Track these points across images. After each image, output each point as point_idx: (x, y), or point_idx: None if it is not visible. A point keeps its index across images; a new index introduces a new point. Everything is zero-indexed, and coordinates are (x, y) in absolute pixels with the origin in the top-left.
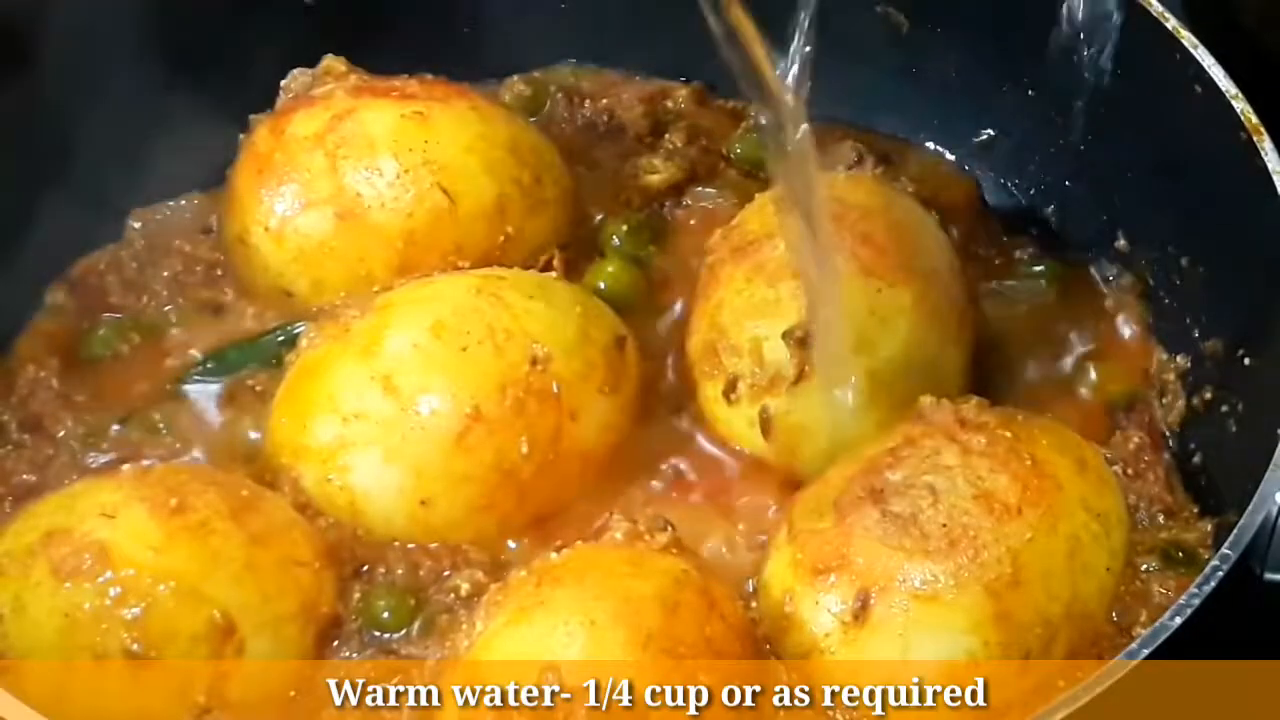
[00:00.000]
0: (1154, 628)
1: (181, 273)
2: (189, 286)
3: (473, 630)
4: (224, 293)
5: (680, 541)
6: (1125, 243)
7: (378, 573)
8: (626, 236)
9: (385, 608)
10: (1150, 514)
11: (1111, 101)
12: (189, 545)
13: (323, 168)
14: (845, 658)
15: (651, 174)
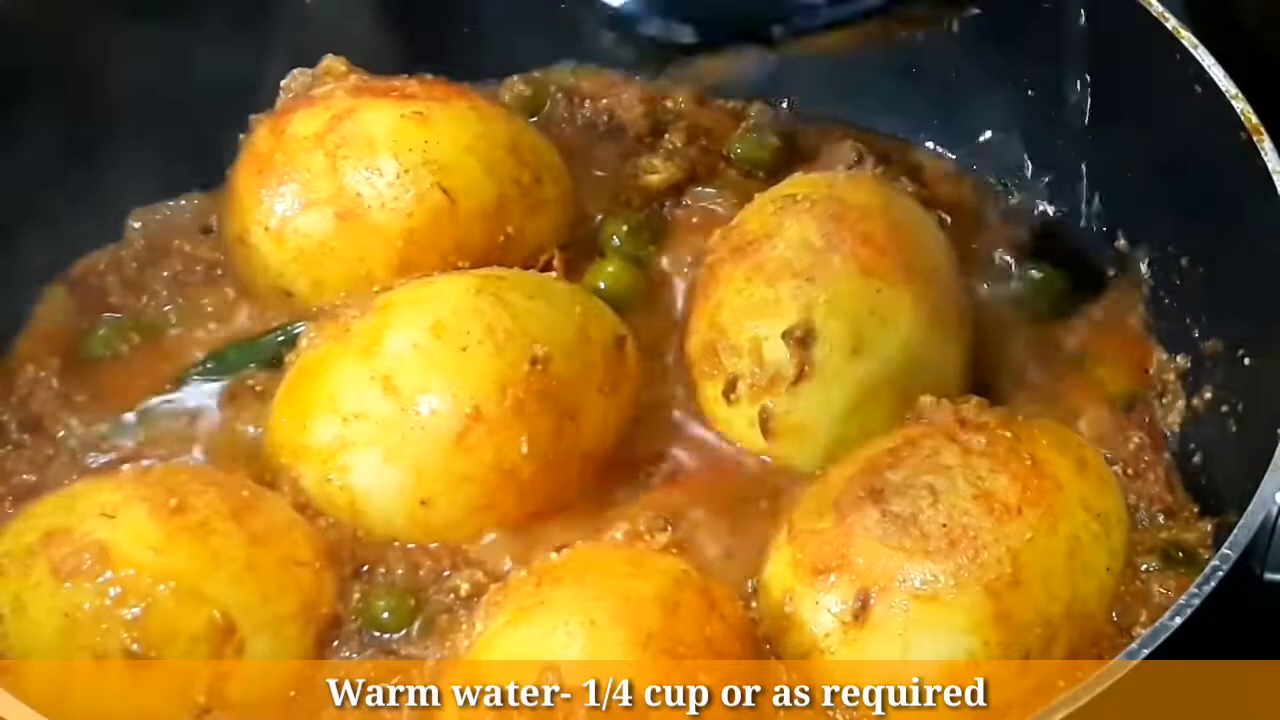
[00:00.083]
0: (1154, 628)
1: (181, 273)
2: (189, 286)
3: (473, 630)
4: (224, 293)
5: (680, 541)
6: (1125, 243)
7: (378, 573)
8: (626, 236)
9: (385, 608)
10: (1150, 514)
11: (1111, 101)
12: (189, 545)
13: (323, 168)
14: (845, 658)
15: (651, 174)
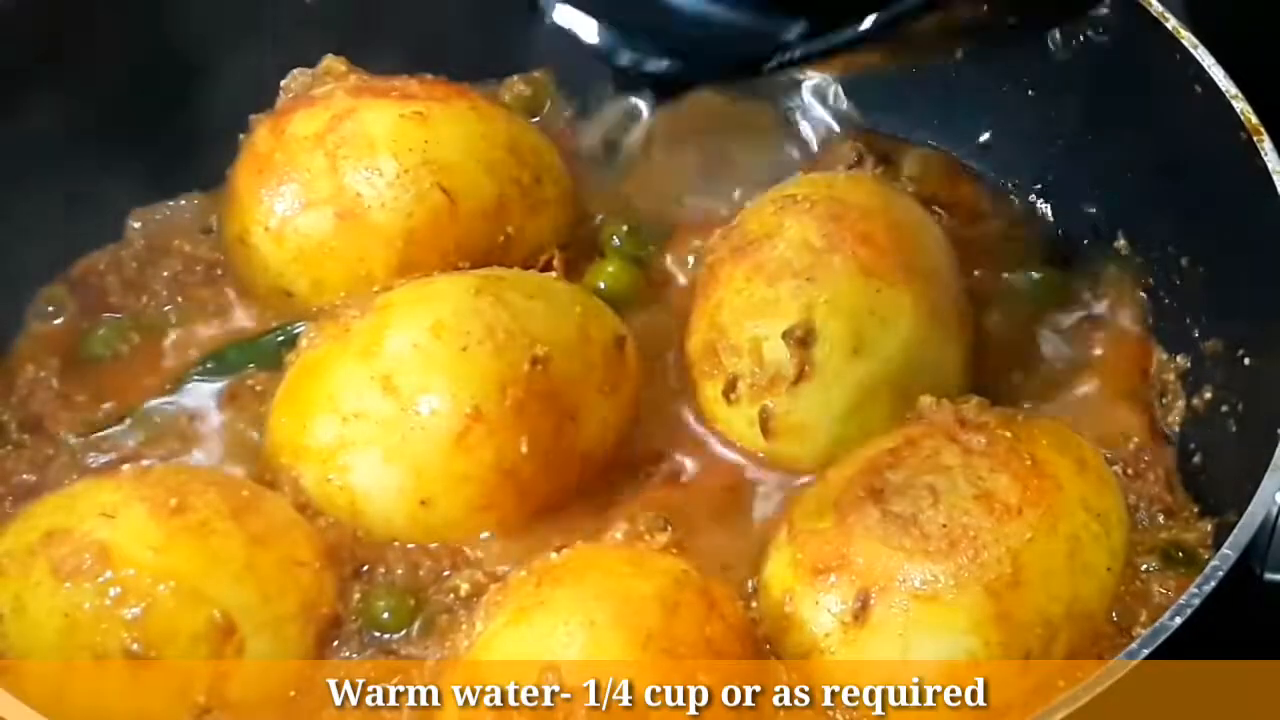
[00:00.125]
0: (1154, 628)
1: (181, 273)
2: (189, 286)
3: (473, 630)
4: (224, 293)
5: (680, 541)
6: (1125, 243)
7: (378, 573)
8: (626, 236)
9: (385, 608)
10: (1150, 514)
11: (1111, 101)
12: (189, 545)
13: (323, 168)
14: (845, 658)
15: None
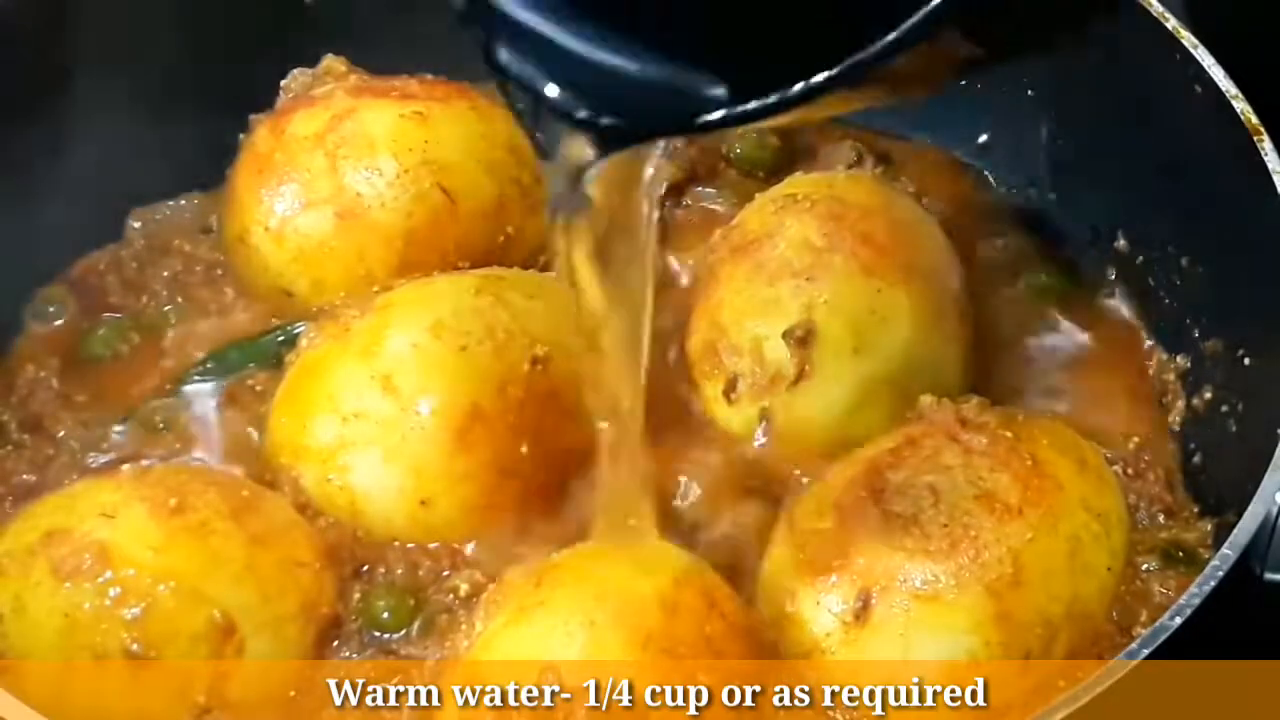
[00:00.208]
0: (1154, 628)
1: (181, 273)
2: (189, 286)
3: (472, 630)
4: (224, 293)
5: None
6: (1125, 243)
7: (378, 573)
8: None
9: (385, 608)
10: (1150, 514)
11: (1111, 101)
12: (189, 545)
13: (323, 168)
14: (846, 658)
15: None
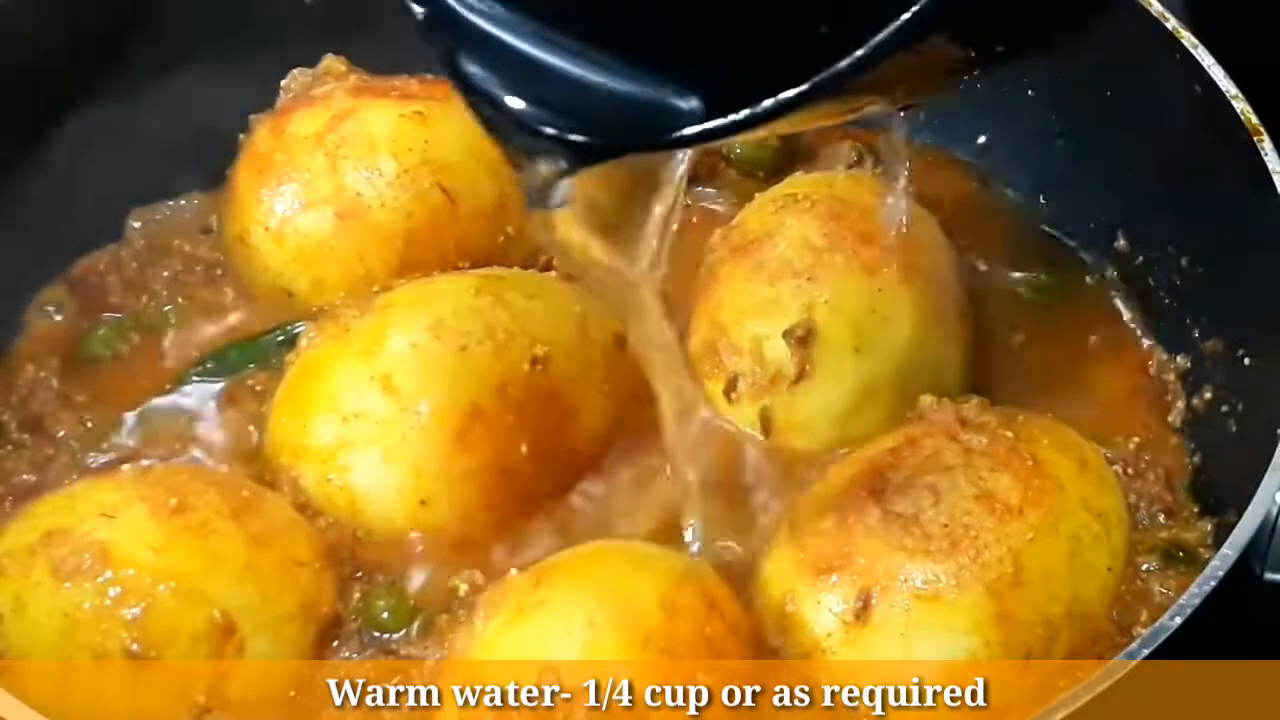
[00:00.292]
0: (1154, 628)
1: (181, 273)
2: (189, 286)
3: (472, 630)
4: (224, 293)
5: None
6: (1125, 243)
7: (377, 573)
8: None
9: (385, 608)
10: (1150, 514)
11: (1111, 101)
12: (189, 545)
13: (323, 168)
14: (846, 658)
15: None
